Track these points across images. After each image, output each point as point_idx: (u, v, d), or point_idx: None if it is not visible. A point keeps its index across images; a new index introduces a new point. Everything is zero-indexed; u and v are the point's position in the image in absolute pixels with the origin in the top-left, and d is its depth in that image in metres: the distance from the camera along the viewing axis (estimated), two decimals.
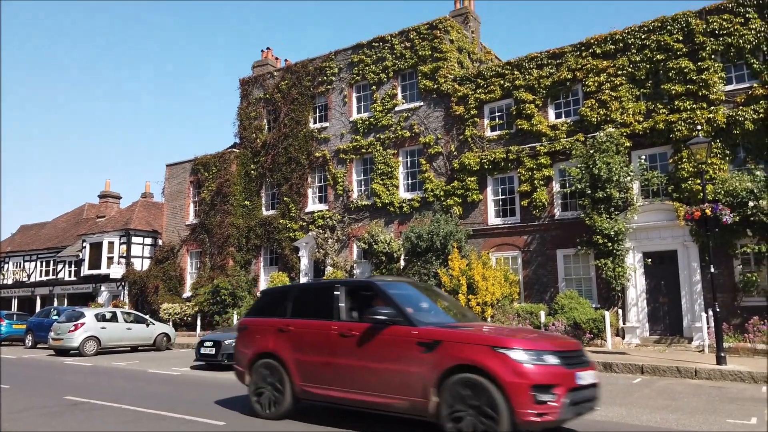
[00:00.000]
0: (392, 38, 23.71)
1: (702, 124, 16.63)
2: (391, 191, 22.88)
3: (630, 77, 18.47)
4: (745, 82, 16.95)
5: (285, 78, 26.86)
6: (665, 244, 17.35)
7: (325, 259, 23.74)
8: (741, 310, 16.03)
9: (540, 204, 19.59)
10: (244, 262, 26.61)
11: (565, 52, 19.78)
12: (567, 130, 19.41)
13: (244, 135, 27.94)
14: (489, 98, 21.11)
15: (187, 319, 26.33)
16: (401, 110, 23.16)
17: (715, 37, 17.27)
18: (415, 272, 19.80)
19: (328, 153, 24.88)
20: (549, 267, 19.37)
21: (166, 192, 30.37)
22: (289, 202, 25.60)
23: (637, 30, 18.53)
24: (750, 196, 15.46)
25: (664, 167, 17.88)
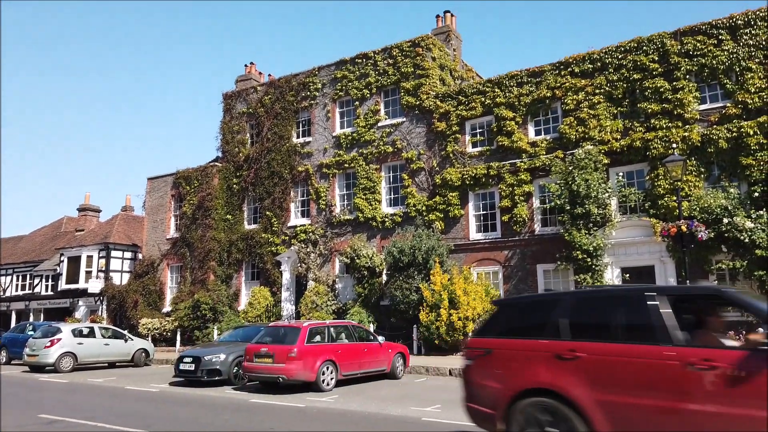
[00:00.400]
0: (375, 55, 23.95)
1: (677, 143, 17.01)
2: (373, 206, 22.97)
3: (607, 96, 18.86)
4: (718, 102, 17.41)
5: (268, 93, 26.93)
6: (643, 260, 17.62)
7: (307, 273, 23.68)
8: None
9: (520, 219, 19.80)
10: (225, 276, 26.42)
11: (544, 71, 20.15)
12: (546, 147, 19.71)
13: (226, 149, 27.89)
14: (470, 115, 21.38)
15: (167, 335, 25.99)
16: (384, 126, 23.34)
17: (689, 57, 17.75)
18: (397, 287, 19.84)
19: (311, 167, 24.93)
20: (529, 282, 19.54)
21: (147, 205, 30.11)
22: (272, 217, 25.55)
23: (614, 50, 18.97)
24: (724, 212, 15.81)
25: (641, 184, 18.23)
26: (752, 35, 16.93)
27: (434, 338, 18.45)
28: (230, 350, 14.44)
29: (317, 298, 22.34)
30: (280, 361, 12.36)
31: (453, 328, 17.94)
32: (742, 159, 16.42)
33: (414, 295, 19.46)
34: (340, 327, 14.27)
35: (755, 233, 15.48)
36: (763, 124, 16.19)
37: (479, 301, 18.24)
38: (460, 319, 17.75)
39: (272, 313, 24.07)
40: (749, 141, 16.31)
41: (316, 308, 22.12)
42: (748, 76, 16.78)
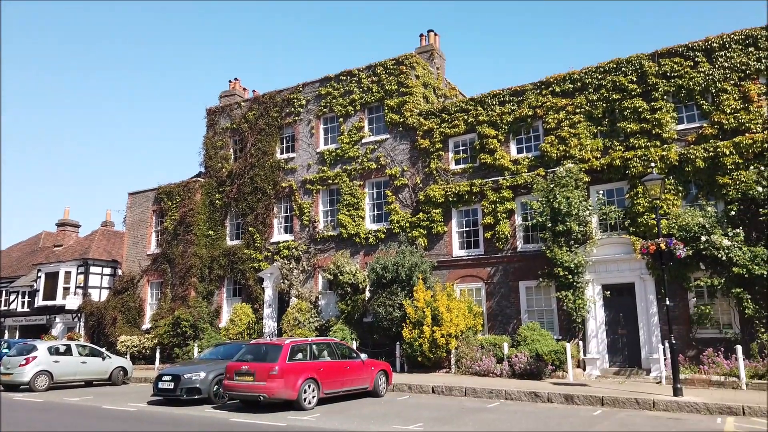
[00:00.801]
0: (359, 72, 24.14)
1: (656, 162, 17.32)
2: (357, 222, 22.97)
3: (588, 115, 19.18)
4: (695, 122, 17.79)
5: (252, 108, 26.95)
6: (623, 277, 17.82)
7: (289, 290, 23.53)
8: (696, 342, 16.49)
9: (503, 236, 19.94)
10: (206, 293, 26.14)
11: (526, 90, 20.46)
12: (528, 165, 19.94)
13: (209, 164, 27.76)
14: (453, 132, 21.58)
15: (146, 352, 25.55)
16: (368, 142, 23.45)
17: (666, 78, 18.16)
18: (381, 303, 19.78)
19: (295, 183, 24.91)
20: (512, 299, 19.62)
21: (128, 221, 29.77)
22: (254, 232, 25.41)
23: (594, 70, 19.34)
24: (702, 231, 16.09)
25: (621, 202, 18.49)
26: (727, 58, 17.39)
27: (417, 355, 18.39)
28: (210, 368, 14.24)
29: (300, 315, 22.18)
30: (261, 380, 12.21)
31: (436, 345, 17.91)
32: (718, 178, 16.76)
33: (397, 311, 19.42)
34: (322, 344, 14.17)
35: (732, 251, 15.76)
36: (738, 144, 16.58)
37: (462, 318, 18.26)
38: (443, 336, 17.74)
39: (254, 330, 23.83)
40: (725, 161, 16.67)
41: (298, 325, 21.95)
42: (723, 98, 17.20)
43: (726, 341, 15.97)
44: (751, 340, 15.66)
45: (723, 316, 16.50)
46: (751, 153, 16.43)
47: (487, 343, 18.36)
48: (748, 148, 16.45)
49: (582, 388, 14.22)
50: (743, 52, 17.22)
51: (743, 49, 17.25)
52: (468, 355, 17.99)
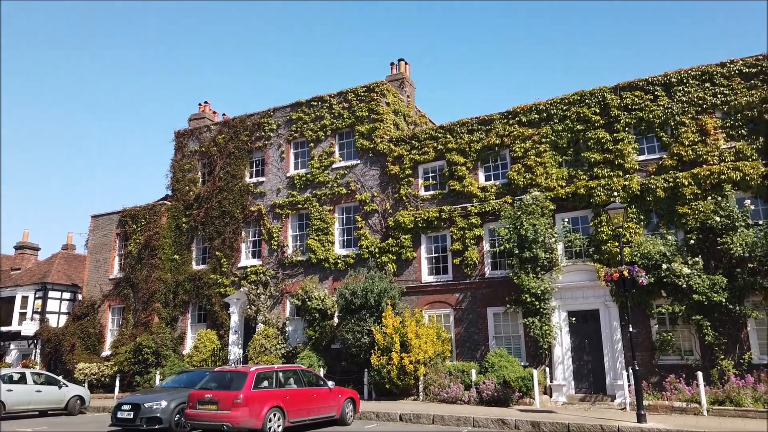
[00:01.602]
0: (331, 98, 24.33)
1: (618, 191, 17.81)
2: (326, 247, 22.88)
3: (553, 145, 19.67)
4: (656, 153, 18.41)
5: (222, 132, 26.82)
6: (588, 304, 18.11)
7: (256, 315, 23.16)
8: (659, 368, 16.79)
9: (471, 263, 20.10)
10: (170, 318, 25.52)
11: (493, 119, 20.91)
12: (496, 192, 20.27)
13: (176, 187, 27.40)
14: (423, 159, 21.84)
15: (105, 380, 24.69)
16: (338, 167, 23.52)
17: (628, 111, 18.81)
18: (349, 330, 19.62)
19: (264, 208, 24.74)
20: (480, 325, 19.70)
21: (90, 244, 29.02)
22: (221, 257, 25.04)
23: (559, 102, 19.92)
24: (663, 259, 16.53)
25: (585, 230, 18.89)
26: (685, 92, 18.14)
27: (385, 382, 18.23)
28: (172, 396, 13.84)
29: (266, 342, 21.81)
30: (225, 408, 11.91)
31: (404, 372, 17.80)
32: (678, 208, 17.31)
33: (366, 338, 19.28)
34: (288, 372, 13.93)
35: (692, 279, 16.20)
36: (696, 175, 17.19)
37: (431, 344, 18.23)
38: (412, 363, 17.65)
39: (219, 357, 23.31)
40: (684, 191, 17.25)
41: (264, 352, 21.56)
42: (682, 130, 17.87)
43: (687, 367, 16.29)
44: (711, 366, 16.03)
45: (684, 342, 16.87)
46: (708, 184, 17.05)
47: (455, 370, 18.33)
48: (705, 179, 17.07)
49: (548, 415, 14.28)
50: (700, 87, 17.99)
51: (700, 84, 18.02)
52: (436, 382, 17.92)
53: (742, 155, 16.97)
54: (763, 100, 16.98)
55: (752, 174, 16.53)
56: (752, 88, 17.29)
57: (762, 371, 15.41)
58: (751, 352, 15.92)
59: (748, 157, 16.87)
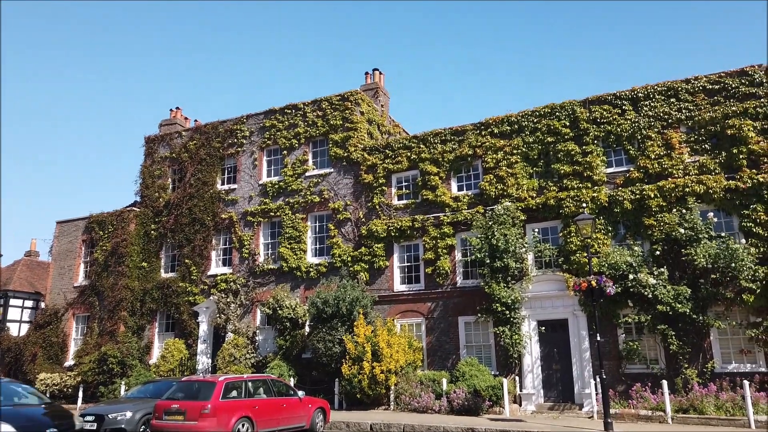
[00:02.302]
0: (305, 106, 24.28)
1: (587, 202, 18.16)
2: (298, 255, 22.73)
3: (524, 156, 19.97)
4: (623, 166, 18.84)
5: (194, 138, 26.50)
6: (557, 313, 18.35)
7: (226, 324, 22.82)
8: (625, 377, 17.08)
9: (443, 272, 20.20)
10: (137, 327, 24.97)
11: (466, 130, 21.14)
12: (468, 202, 20.46)
13: (146, 194, 26.93)
14: (396, 168, 21.93)
15: (68, 391, 23.97)
16: (311, 176, 23.45)
17: (597, 124, 19.23)
18: (320, 339, 19.48)
19: (235, 215, 24.48)
20: (451, 334, 19.78)
21: (55, 251, 28.25)
22: (191, 265, 24.65)
23: (530, 114, 20.26)
24: (630, 269, 16.87)
25: (555, 240, 19.19)
26: (651, 107, 18.64)
27: (356, 392, 18.14)
28: (138, 407, 13.52)
29: (236, 351, 21.50)
30: (192, 419, 11.68)
31: (375, 382, 17.73)
32: (644, 219, 17.72)
33: (337, 347, 19.17)
34: (258, 381, 13.76)
35: (657, 289, 16.57)
36: (662, 188, 17.64)
37: (402, 353, 18.22)
38: (383, 372, 17.61)
39: (187, 366, 22.88)
40: (651, 203, 17.68)
41: (234, 361, 21.25)
42: (648, 144, 18.34)
43: (653, 376, 16.62)
44: (676, 375, 16.38)
45: (650, 351, 17.21)
46: (673, 197, 17.50)
47: (426, 379, 18.34)
48: (670, 192, 17.53)
49: (518, 424, 14.38)
50: (666, 102, 18.51)
51: (666, 99, 18.55)
52: (407, 391, 17.90)
53: (705, 169, 17.49)
54: (726, 116, 17.55)
55: (715, 187, 17.04)
56: (715, 104, 17.86)
57: (724, 380, 15.81)
58: (714, 361, 16.33)
59: (711, 171, 17.39)
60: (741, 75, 17.83)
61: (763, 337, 15.85)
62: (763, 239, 16.38)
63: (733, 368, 16.23)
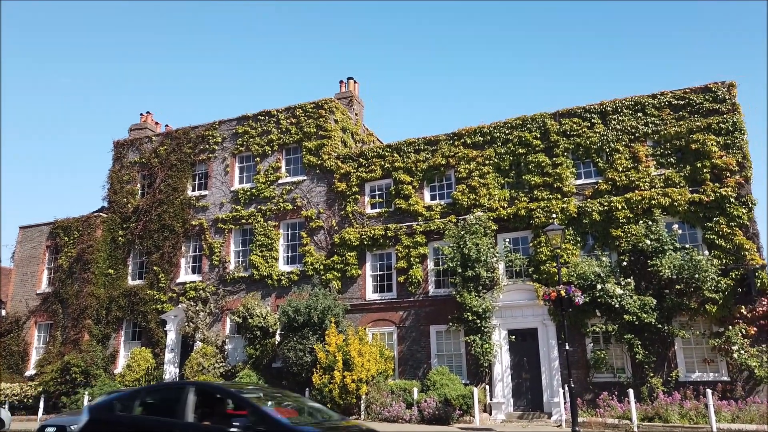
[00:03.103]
0: (279, 113, 24.16)
1: (557, 213, 18.46)
2: (270, 263, 22.53)
3: (496, 167, 20.22)
4: (592, 178, 19.22)
5: (164, 143, 26.11)
6: (527, 322, 18.56)
7: (195, 333, 22.42)
8: (593, 386, 17.33)
9: (416, 281, 20.25)
10: (102, 336, 24.35)
11: (439, 140, 21.32)
12: (441, 212, 20.59)
13: (114, 199, 26.38)
14: (370, 177, 21.96)
15: (29, 401, 23.20)
16: (284, 183, 23.31)
17: (567, 137, 19.59)
18: (291, 348, 19.30)
19: (206, 222, 24.15)
20: (423, 343, 19.81)
21: (17, 257, 27.43)
22: (159, 272, 24.20)
23: (502, 125, 20.54)
24: (598, 279, 17.18)
25: (525, 250, 19.43)
26: (619, 121, 19.08)
27: (327, 401, 17.98)
28: None
29: (204, 360, 21.14)
30: None
31: (346, 391, 17.63)
32: (612, 230, 18.09)
33: (308, 356, 19.01)
34: None
35: (624, 299, 16.90)
36: (629, 200, 18.05)
37: (373, 362, 18.16)
38: (354, 382, 17.52)
39: (153, 376, 22.39)
40: (618, 215, 18.06)
41: (202, 371, 20.88)
42: (616, 157, 18.76)
43: (620, 385, 16.90)
44: (642, 384, 16.69)
45: (617, 360, 17.51)
46: (640, 209, 17.92)
47: (397, 388, 18.31)
48: (637, 204, 17.94)
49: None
50: (633, 116, 18.98)
51: (633, 114, 19.02)
52: (378, 400, 17.83)
53: (670, 182, 17.96)
54: (690, 131, 18.08)
55: (680, 200, 17.50)
56: (680, 119, 18.38)
57: (688, 388, 16.18)
58: (678, 370, 16.71)
59: (676, 184, 17.86)
60: (705, 91, 18.40)
61: (725, 346, 16.28)
62: (725, 251, 16.88)
63: (697, 377, 16.62)
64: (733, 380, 16.20)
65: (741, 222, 16.95)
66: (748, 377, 16.08)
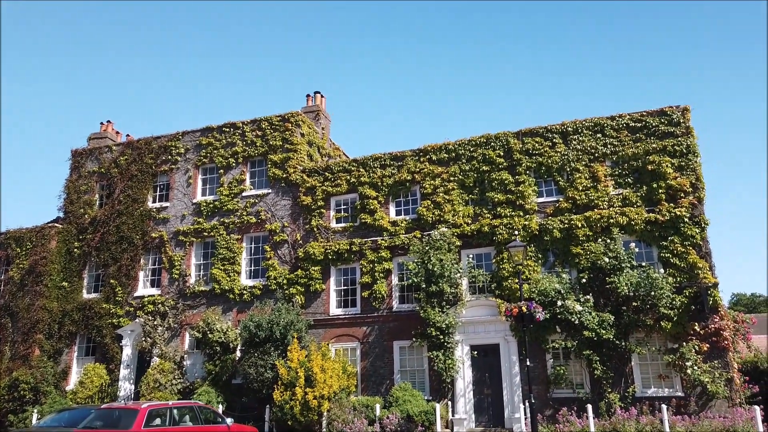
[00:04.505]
0: (244, 125, 23.94)
1: (519, 230, 18.77)
2: (232, 277, 22.16)
3: (460, 183, 20.47)
4: (553, 196, 19.64)
5: (125, 153, 25.52)
6: (489, 338, 18.71)
7: (152, 348, 21.80)
8: (553, 401, 17.54)
9: (380, 296, 20.22)
10: (53, 351, 23.44)
11: (405, 156, 21.48)
12: (406, 227, 20.68)
13: (70, 209, 25.58)
14: (336, 191, 21.92)
15: None
16: (248, 196, 23.05)
17: (529, 155, 20.00)
18: (252, 364, 18.95)
19: (166, 234, 23.63)
20: (386, 359, 19.73)
21: None
22: (116, 285, 23.50)
23: (467, 143, 20.85)
24: (558, 296, 17.48)
25: (488, 266, 19.65)
26: (579, 141, 19.59)
27: (287, 419, 17.69)
28: None
29: (161, 377, 20.54)
30: None
31: (308, 408, 17.37)
32: (572, 248, 18.47)
33: (269, 372, 18.69)
34: (184, 408, 13.22)
35: (583, 315, 17.23)
36: (589, 218, 18.49)
37: (336, 378, 17.97)
38: (316, 398, 17.28)
39: (107, 393, 21.64)
40: (578, 232, 18.47)
41: (159, 387, 20.28)
42: (576, 176, 19.23)
43: (579, 400, 17.15)
44: (600, 399, 16.98)
45: (576, 376, 17.79)
46: (599, 227, 18.37)
47: (360, 405, 18.15)
48: (596, 223, 18.39)
49: None
50: (592, 137, 19.52)
51: (593, 134, 19.56)
52: (340, 417, 17.62)
53: (628, 201, 18.49)
54: (647, 152, 18.69)
55: (637, 219, 18.03)
56: (637, 141, 19.00)
57: (644, 403, 16.53)
58: (635, 385, 17.08)
59: (634, 204, 18.41)
60: (661, 114, 19.09)
61: (679, 362, 16.74)
62: (680, 269, 17.43)
63: (653, 392, 17.01)
64: (687, 395, 16.64)
65: (694, 242, 17.55)
66: (701, 393, 16.54)
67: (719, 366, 16.54)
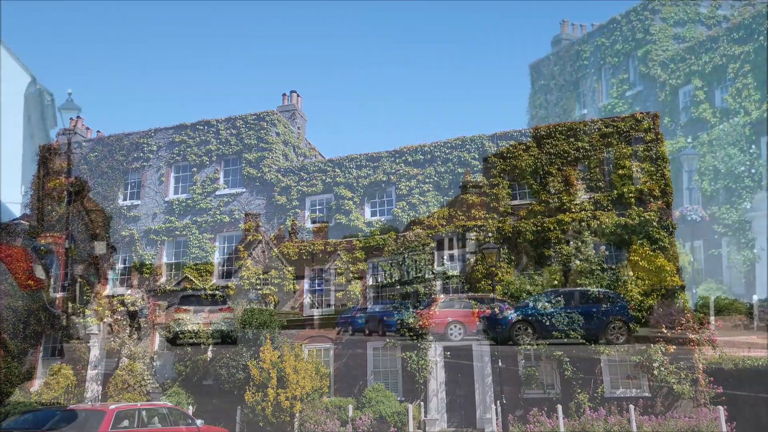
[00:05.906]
0: (218, 123, 23.70)
1: (493, 232, 18.98)
2: (204, 277, 21.90)
3: (436, 185, 20.61)
4: (526, 199, 19.90)
5: (95, 149, 25.03)
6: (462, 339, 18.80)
7: (121, 349, 21.38)
8: (524, 402, 17.71)
9: (354, 296, 20.21)
10: (18, 351, 22.81)
11: (381, 157, 21.52)
12: (381, 228, 20.72)
13: (37, 206, 24.97)
14: (311, 191, 21.86)
15: None
16: (222, 195, 22.82)
17: (503, 158, 20.23)
18: (223, 365, 18.74)
19: (137, 233, 23.24)
20: (359, 359, 19.71)
21: None
22: (84, 284, 23.02)
23: (442, 145, 20.99)
24: (530, 297, 17.70)
25: (462, 267, 19.80)
26: (553, 145, 19.88)
27: (259, 420, 17.54)
28: None
29: (130, 377, 20.18)
30: None
31: (280, 409, 17.24)
32: (544, 250, 18.74)
33: (241, 373, 18.50)
34: (153, 410, 13.01)
35: (554, 317, 17.44)
36: (560, 221, 18.79)
37: (309, 379, 17.88)
38: (288, 399, 17.17)
39: (74, 394, 21.15)
40: (550, 235, 18.74)
41: (127, 389, 19.92)
42: (549, 180, 19.52)
43: (549, 401, 17.36)
44: (570, 399, 17.22)
45: (547, 377, 17.99)
46: (570, 230, 18.68)
47: (332, 406, 18.08)
48: (568, 226, 18.69)
49: None
50: (566, 141, 19.83)
51: (566, 139, 19.87)
52: (312, 418, 17.54)
53: (599, 205, 18.84)
54: (617, 157, 19.08)
55: (607, 223, 18.38)
56: (608, 146, 19.37)
57: (613, 404, 16.81)
58: (604, 386, 17.35)
59: (604, 207, 18.76)
60: (631, 120, 19.49)
61: (646, 363, 17.07)
62: (648, 272, 17.80)
63: (621, 393, 17.31)
64: (653, 396, 16.98)
65: (662, 245, 17.95)
66: (667, 393, 16.89)
67: (685, 367, 16.93)
